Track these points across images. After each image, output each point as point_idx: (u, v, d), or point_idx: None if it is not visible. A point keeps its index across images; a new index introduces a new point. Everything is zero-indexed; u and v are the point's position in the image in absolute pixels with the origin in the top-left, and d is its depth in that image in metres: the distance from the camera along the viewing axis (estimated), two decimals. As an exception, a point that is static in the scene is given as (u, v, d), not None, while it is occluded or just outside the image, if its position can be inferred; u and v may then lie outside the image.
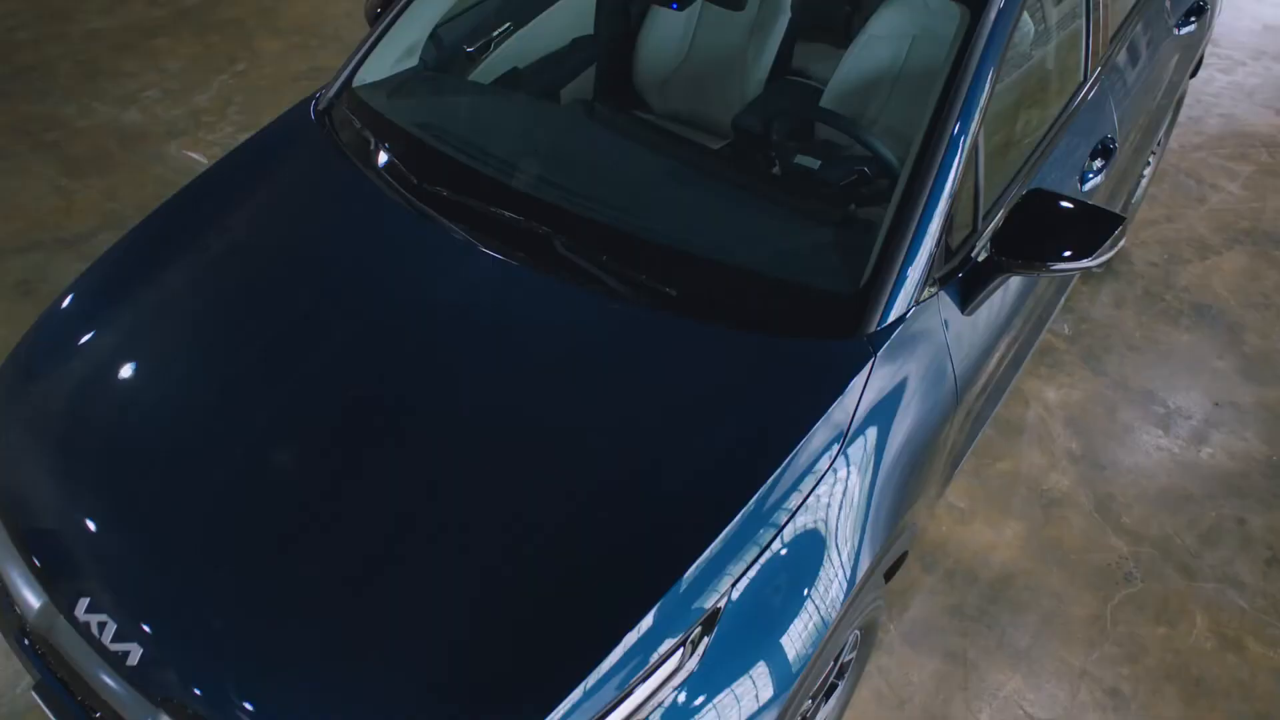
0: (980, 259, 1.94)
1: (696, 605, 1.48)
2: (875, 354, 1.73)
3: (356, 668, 1.43)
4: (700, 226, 1.94)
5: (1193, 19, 3.19)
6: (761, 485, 1.56)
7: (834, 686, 2.12)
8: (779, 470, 1.58)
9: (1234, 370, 3.38)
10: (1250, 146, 4.50)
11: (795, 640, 1.57)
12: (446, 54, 2.50)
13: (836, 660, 1.96)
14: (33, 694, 1.67)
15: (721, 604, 1.50)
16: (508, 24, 2.75)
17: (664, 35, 2.80)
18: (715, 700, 1.49)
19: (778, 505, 1.58)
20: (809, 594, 1.59)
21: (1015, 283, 2.18)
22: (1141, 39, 2.87)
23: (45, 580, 1.64)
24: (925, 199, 1.82)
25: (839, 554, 1.65)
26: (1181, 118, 4.61)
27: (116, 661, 1.51)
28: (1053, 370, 3.34)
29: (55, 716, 1.64)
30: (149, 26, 5.27)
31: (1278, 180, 4.28)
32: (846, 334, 1.75)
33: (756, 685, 1.52)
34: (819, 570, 1.62)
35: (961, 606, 2.63)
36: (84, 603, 1.56)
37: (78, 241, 3.73)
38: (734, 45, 2.72)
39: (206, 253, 2.04)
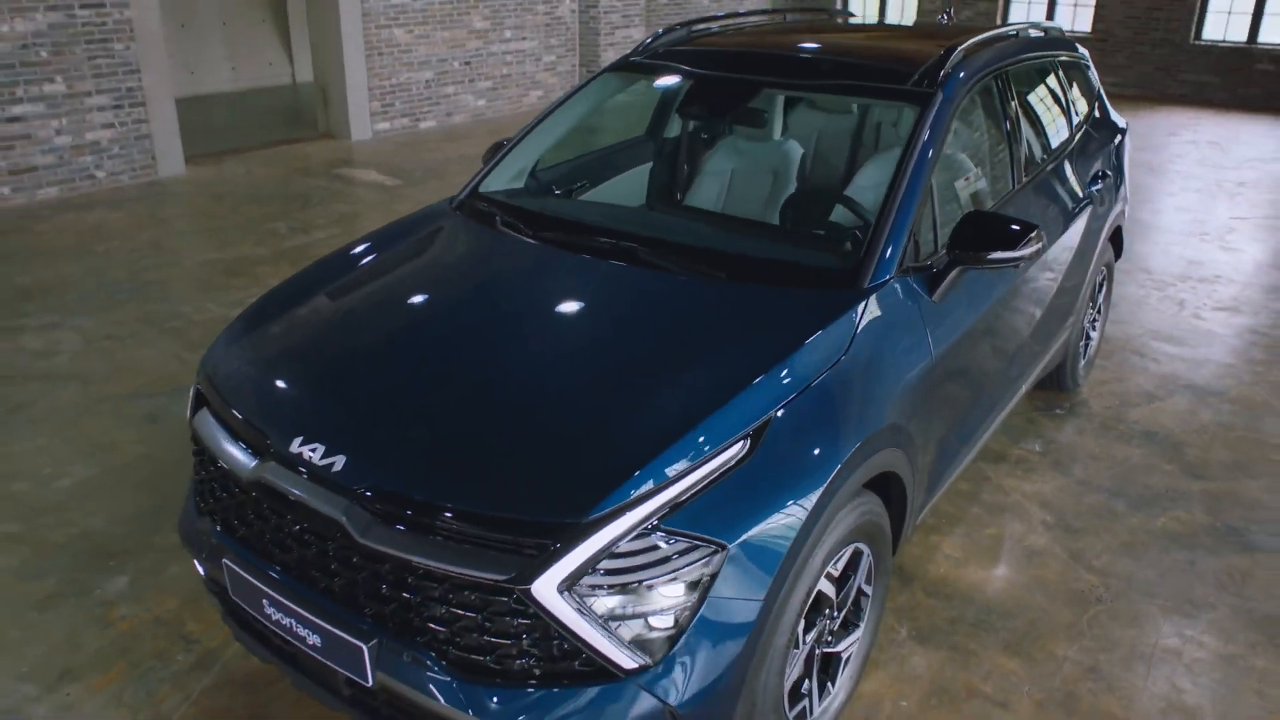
0: (940, 265, 2.72)
1: (750, 417, 2.14)
2: (867, 298, 2.51)
3: (488, 458, 2.11)
4: (769, 244, 3.11)
5: (1098, 181, 4.14)
6: (796, 350, 2.33)
7: (856, 619, 2.58)
8: (807, 345, 2.36)
9: (1180, 471, 3.98)
10: (1186, 331, 5.32)
11: (813, 463, 2.20)
12: (542, 183, 3.49)
13: (846, 571, 2.53)
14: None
15: (769, 419, 2.14)
16: (584, 182, 3.73)
17: (708, 184, 3.73)
18: (754, 486, 2.09)
19: (807, 368, 2.32)
20: (825, 432, 2.29)
21: (972, 310, 2.92)
22: (1056, 180, 3.80)
23: (261, 442, 2.24)
24: (895, 213, 2.67)
25: (843, 417, 2.34)
26: (1123, 317, 5.49)
27: (324, 472, 2.10)
28: (1027, 472, 3.95)
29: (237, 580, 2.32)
30: (253, 259, 6.33)
31: (1211, 350, 5.05)
32: (849, 286, 2.59)
33: (791, 483, 2.13)
34: (832, 419, 2.32)
35: (961, 618, 3.10)
36: (298, 441, 2.20)
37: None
38: (762, 174, 3.64)
39: (382, 262, 3.04)
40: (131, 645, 2.94)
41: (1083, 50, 4.65)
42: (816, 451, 2.23)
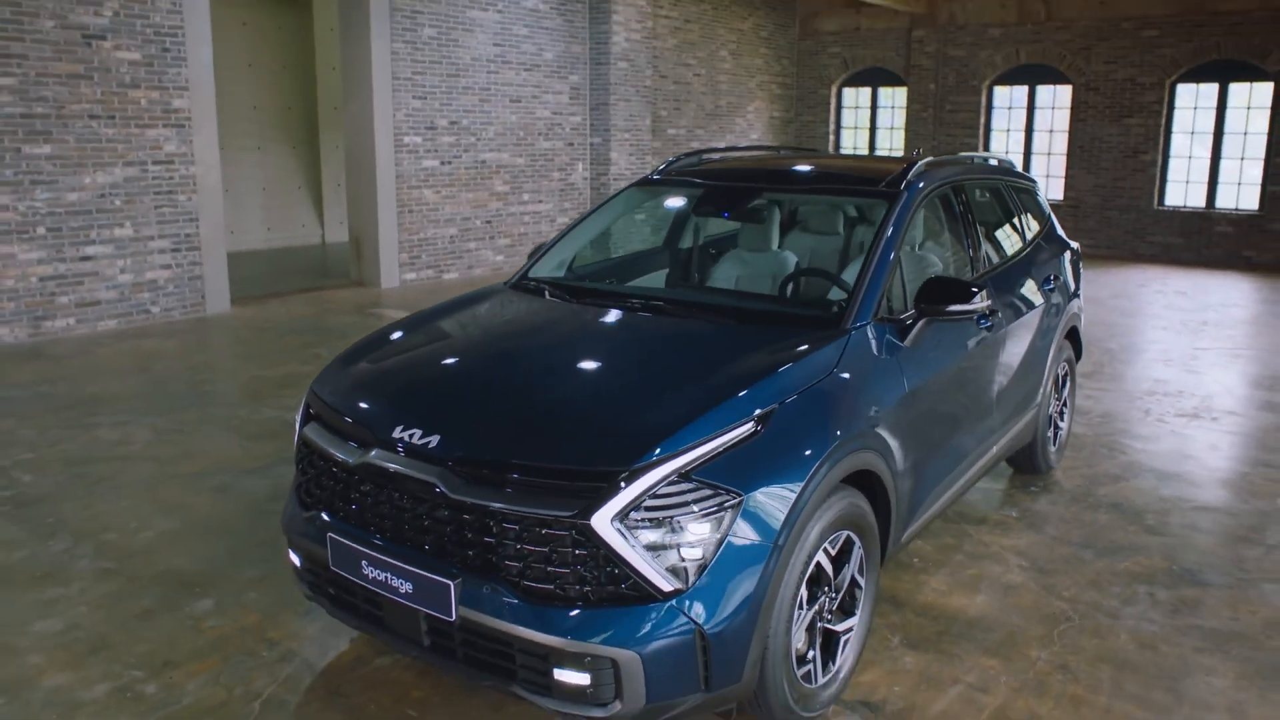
0: (910, 318, 3.35)
1: (759, 405, 2.69)
2: (849, 336, 3.13)
3: (553, 428, 2.70)
4: (772, 303, 3.84)
5: (1050, 283, 4.80)
6: (793, 363, 2.93)
7: (854, 597, 3.05)
8: (802, 361, 2.95)
9: (1141, 530, 4.46)
10: (1151, 431, 5.87)
11: (809, 443, 2.74)
12: (578, 274, 4.17)
13: (836, 550, 3.03)
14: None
15: (774, 408, 2.69)
16: (612, 279, 4.40)
17: (719, 279, 4.40)
18: (764, 454, 2.62)
19: (802, 376, 2.89)
20: (818, 424, 2.85)
21: (940, 360, 3.51)
22: (1011, 275, 4.47)
23: (365, 436, 2.79)
24: (870, 274, 3.34)
25: (831, 416, 2.91)
26: (1095, 422, 6.06)
27: (421, 449, 2.65)
28: (1005, 531, 4.44)
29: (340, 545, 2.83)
30: (299, 375, 6.84)
31: (1173, 446, 5.59)
32: (835, 327, 3.19)
33: (791, 456, 2.66)
34: (823, 416, 2.89)
35: (947, 631, 3.54)
36: (399, 429, 2.75)
37: (256, 471, 5.00)
38: (764, 276, 4.30)
39: (449, 314, 3.68)
40: (222, 645, 3.37)
41: (1034, 178, 5.43)
42: (810, 437, 2.78)
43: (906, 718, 3.03)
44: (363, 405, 3.02)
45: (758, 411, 2.71)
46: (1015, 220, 4.93)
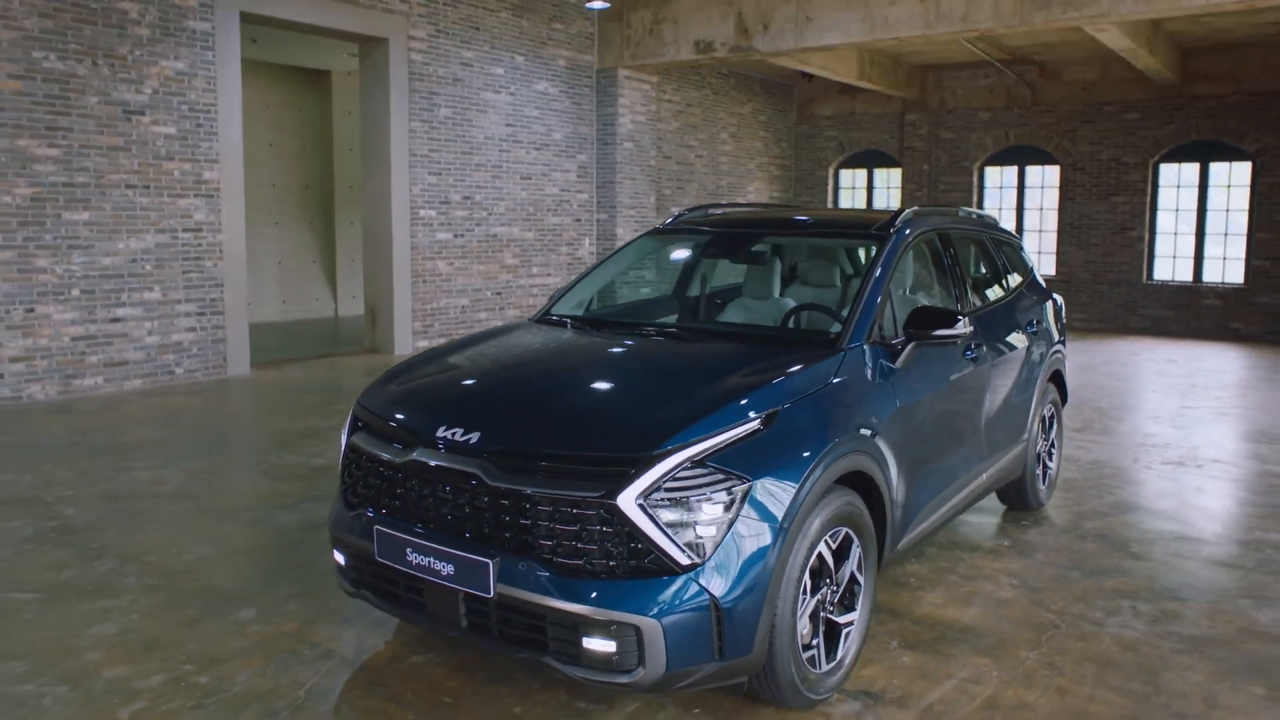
0: (900, 342, 3.69)
1: (765, 405, 3.02)
2: (845, 354, 3.46)
3: (582, 423, 3.02)
4: (777, 329, 4.18)
5: (1033, 326, 5.15)
6: (795, 374, 3.25)
7: (854, 594, 3.32)
8: (803, 370, 3.28)
9: (1125, 556, 4.72)
10: (1139, 476, 6.15)
11: (809, 442, 3.05)
12: (595, 314, 4.53)
13: (834, 543, 3.29)
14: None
15: (778, 410, 3.00)
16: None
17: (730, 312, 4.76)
18: (769, 448, 2.92)
19: (803, 384, 3.21)
20: (816, 425, 3.17)
21: (929, 384, 3.83)
22: (995, 315, 4.81)
23: (410, 438, 3.11)
24: (864, 302, 3.69)
25: (829, 419, 3.22)
26: (1084, 469, 6.34)
27: (463, 445, 2.97)
28: (997, 557, 4.70)
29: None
30: (322, 428, 7.15)
31: (1158, 488, 5.86)
32: (831, 346, 3.51)
33: (794, 451, 2.98)
34: (821, 419, 3.21)
35: (942, 636, 3.79)
36: (442, 428, 3.06)
37: (287, 507, 5.26)
38: (767, 321, 4.65)
39: (479, 339, 3.99)
40: (266, 646, 3.62)
41: (1015, 234, 5.82)
42: (810, 436, 3.09)
43: (905, 705, 3.26)
44: (408, 412, 3.33)
45: (764, 412, 3.02)
46: (999, 268, 5.30)
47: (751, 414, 2.99)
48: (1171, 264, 14.90)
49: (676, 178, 15.54)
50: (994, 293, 5.16)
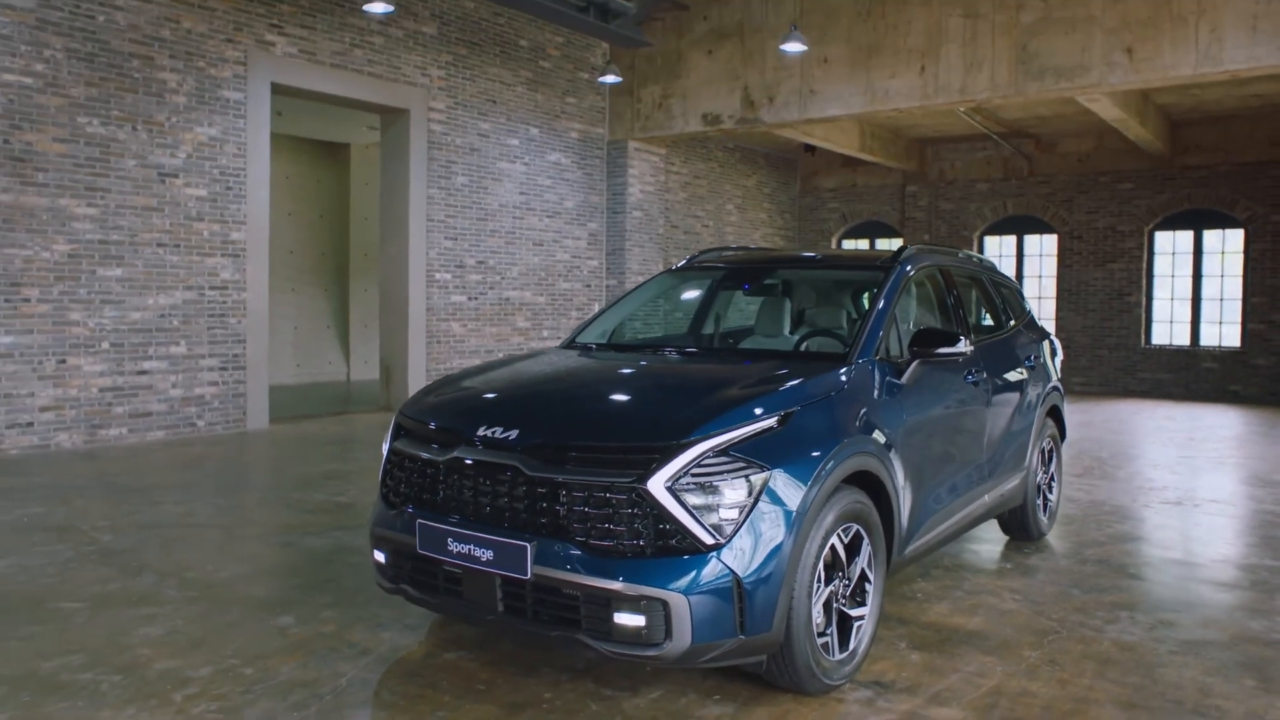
0: (905, 361, 3.96)
1: (781, 406, 3.27)
2: (854, 366, 3.71)
3: (616, 418, 3.28)
4: (791, 349, 4.39)
5: (1031, 361, 5.41)
6: (808, 381, 3.50)
7: (864, 591, 3.52)
8: (815, 378, 3.54)
9: (1124, 577, 4.91)
10: (1138, 513, 6.34)
11: (821, 440, 3.29)
12: (618, 341, 4.82)
13: (845, 536, 3.50)
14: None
15: (793, 410, 3.25)
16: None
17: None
18: (785, 443, 3.17)
19: (815, 391, 3.46)
20: (827, 426, 3.41)
21: (933, 401, 4.09)
22: (994, 348, 5.07)
23: (450, 439, 3.36)
24: (871, 322, 3.98)
25: (838, 421, 3.47)
26: (1085, 507, 6.54)
27: (502, 441, 3.22)
28: (1001, 577, 4.89)
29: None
30: (341, 471, 7.45)
31: (1156, 522, 6.06)
32: (843, 361, 3.77)
33: (807, 447, 3.22)
34: (831, 421, 3.45)
35: (949, 639, 3.98)
36: (483, 428, 3.32)
37: (316, 533, 5.45)
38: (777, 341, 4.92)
39: (509, 360, 4.19)
40: (306, 644, 3.81)
41: (1012, 278, 6.12)
42: (821, 435, 3.34)
43: (913, 693, 3.44)
44: (448, 417, 3.58)
45: (779, 412, 3.26)
46: (997, 307, 5.59)
47: (768, 414, 3.24)
48: (1169, 328, 15.21)
49: (684, 246, 15.97)
50: (993, 325, 5.44)
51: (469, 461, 3.30)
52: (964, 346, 3.98)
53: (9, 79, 7.99)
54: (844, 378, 3.65)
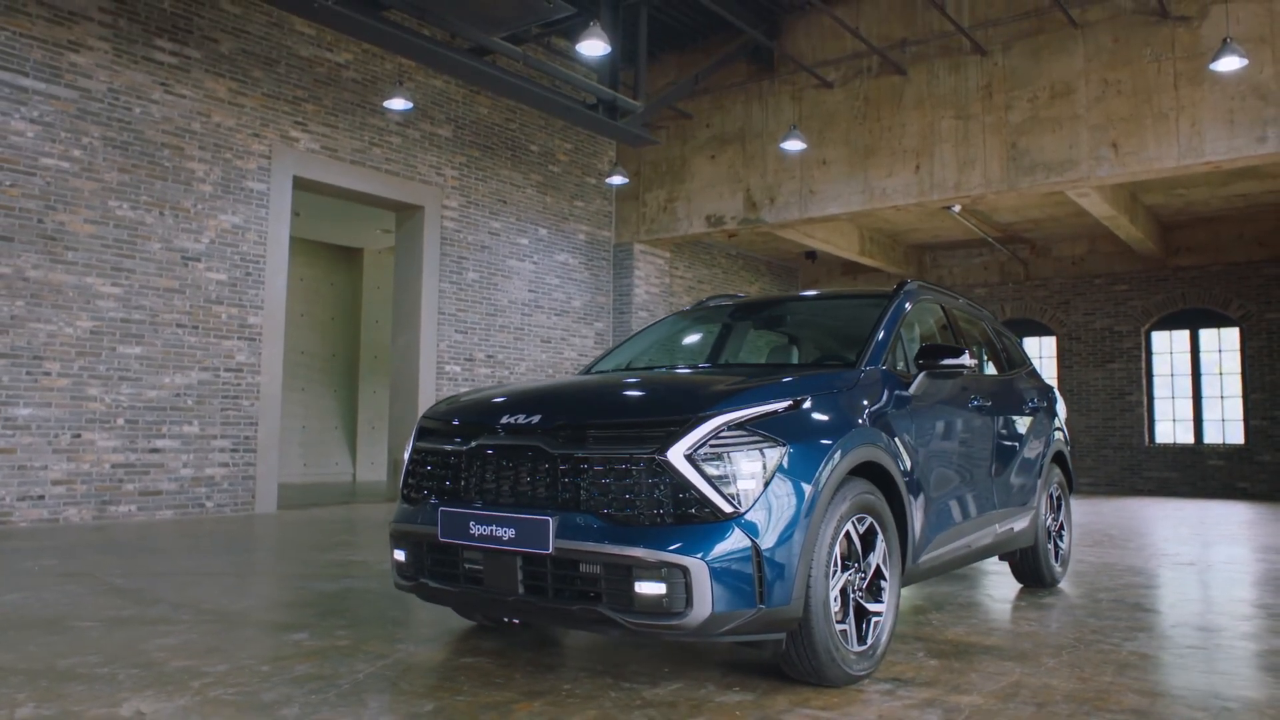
0: (911, 374, 4.08)
1: (795, 394, 3.38)
2: (862, 371, 3.83)
3: (638, 401, 3.37)
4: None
5: (1034, 402, 5.51)
6: (818, 376, 3.59)
7: (879, 589, 3.55)
8: (825, 375, 3.66)
9: (1138, 610, 4.89)
10: (1150, 569, 6.33)
11: (830, 429, 3.38)
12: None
13: (857, 528, 3.54)
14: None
15: (803, 399, 3.36)
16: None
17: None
18: (798, 424, 3.26)
19: (825, 386, 3.55)
20: (836, 414, 3.50)
21: (939, 413, 4.19)
22: (998, 385, 5.18)
23: (473, 431, 3.47)
24: (878, 334, 4.11)
25: (848, 412, 3.56)
26: (1097, 565, 6.51)
27: (523, 425, 3.33)
28: (1016, 609, 4.88)
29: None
30: (351, 542, 7.43)
31: (1165, 577, 6.04)
32: (852, 367, 3.88)
33: (819, 430, 3.33)
34: (842, 411, 3.54)
35: (968, 651, 3.97)
36: (506, 416, 3.42)
37: (328, 579, 5.43)
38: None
39: (539, 379, 4.28)
40: (321, 651, 3.80)
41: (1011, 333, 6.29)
42: (831, 423, 3.43)
43: (933, 687, 3.42)
44: (474, 413, 3.68)
45: (792, 399, 3.37)
46: (998, 350, 5.73)
47: (782, 398, 3.34)
48: (1172, 426, 15.29)
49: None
50: (995, 361, 5.57)
51: (491, 450, 3.39)
52: (968, 359, 4.11)
53: (48, 163, 8.37)
54: (852, 377, 3.77)
